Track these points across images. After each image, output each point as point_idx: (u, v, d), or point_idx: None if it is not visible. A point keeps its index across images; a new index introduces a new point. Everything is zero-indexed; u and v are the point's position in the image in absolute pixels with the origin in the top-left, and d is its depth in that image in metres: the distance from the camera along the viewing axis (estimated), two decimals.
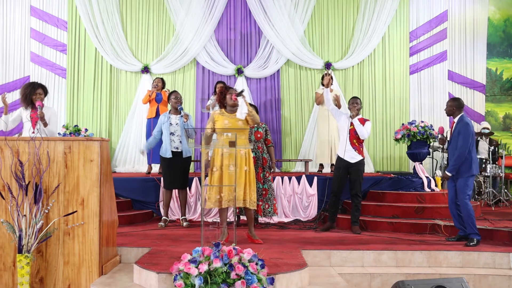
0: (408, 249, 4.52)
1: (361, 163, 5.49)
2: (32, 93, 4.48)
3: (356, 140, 5.48)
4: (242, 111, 4.43)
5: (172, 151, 5.68)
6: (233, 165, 4.44)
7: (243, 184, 4.49)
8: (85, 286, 3.66)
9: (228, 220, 5.82)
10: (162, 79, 7.39)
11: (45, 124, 4.49)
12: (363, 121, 5.51)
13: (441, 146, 8.19)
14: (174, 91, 5.94)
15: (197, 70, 8.83)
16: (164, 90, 7.26)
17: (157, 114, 6.96)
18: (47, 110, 4.55)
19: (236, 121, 4.55)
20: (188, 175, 5.91)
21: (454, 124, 4.89)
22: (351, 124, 5.49)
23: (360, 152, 5.50)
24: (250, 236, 4.74)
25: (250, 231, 4.74)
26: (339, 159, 5.58)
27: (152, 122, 6.95)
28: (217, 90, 7.48)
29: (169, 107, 7.21)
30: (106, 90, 8.71)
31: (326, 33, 8.95)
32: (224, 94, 4.67)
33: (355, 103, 5.55)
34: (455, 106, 4.93)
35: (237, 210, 5.64)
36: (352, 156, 5.48)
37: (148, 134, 7.07)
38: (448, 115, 5.03)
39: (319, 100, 7.46)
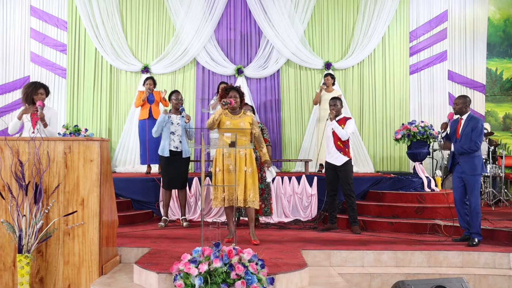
0: (408, 249, 4.52)
1: (347, 164, 5.49)
2: (34, 93, 4.46)
3: (340, 142, 5.49)
4: (273, 175, 4.81)
5: (171, 150, 5.68)
6: (232, 165, 4.48)
7: (242, 184, 4.50)
8: (85, 286, 3.66)
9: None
10: (153, 79, 7.30)
11: (45, 125, 4.46)
12: (344, 121, 5.52)
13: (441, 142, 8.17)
14: (176, 91, 5.91)
15: (197, 70, 8.83)
16: (156, 90, 7.20)
17: (150, 115, 6.93)
18: (48, 111, 4.51)
19: (237, 123, 4.58)
20: (187, 175, 5.91)
21: (463, 121, 4.85)
22: None
23: (346, 153, 5.49)
24: (249, 235, 4.73)
25: (250, 230, 4.74)
26: (327, 161, 5.64)
27: (147, 123, 6.90)
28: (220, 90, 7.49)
29: (161, 106, 7.20)
30: (106, 90, 8.71)
31: (326, 33, 8.95)
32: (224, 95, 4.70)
33: (332, 105, 5.56)
34: (467, 103, 4.91)
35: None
36: (338, 158, 5.49)
37: (142, 136, 7.03)
38: (457, 113, 4.93)
39: (316, 100, 7.49)
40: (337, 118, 5.53)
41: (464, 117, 4.89)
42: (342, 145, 5.48)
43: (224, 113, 4.62)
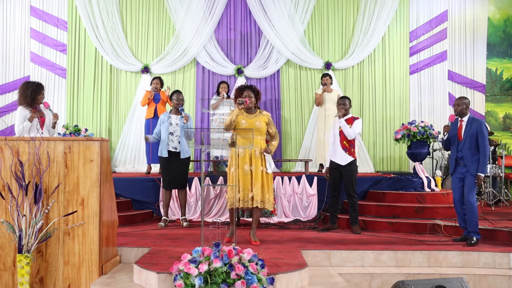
0: (408, 249, 4.52)
1: (352, 164, 5.48)
2: (39, 93, 4.48)
3: (346, 141, 5.47)
4: (271, 166, 4.66)
5: (170, 151, 5.68)
6: (248, 165, 4.52)
7: (259, 183, 4.53)
8: (85, 286, 3.66)
9: (228, 220, 5.86)
10: (160, 78, 7.35)
11: (54, 126, 4.54)
12: (352, 120, 5.50)
13: (441, 144, 8.18)
14: (177, 91, 5.90)
15: (197, 70, 8.83)
16: (163, 90, 7.24)
17: (155, 114, 6.95)
18: (49, 112, 4.58)
19: (253, 122, 4.61)
20: (187, 175, 5.91)
21: (465, 124, 4.83)
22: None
23: (351, 154, 5.47)
24: (250, 236, 4.73)
25: (252, 231, 4.73)
26: (331, 161, 5.60)
27: (151, 122, 6.94)
28: (220, 90, 7.49)
29: (167, 106, 7.22)
30: (106, 90, 8.71)
31: (326, 33, 8.95)
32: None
33: (342, 104, 5.54)
34: (468, 104, 4.89)
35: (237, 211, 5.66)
36: (343, 158, 5.47)
37: (147, 134, 7.06)
38: (458, 115, 4.90)
39: (319, 101, 7.47)
40: (345, 118, 5.51)
41: (465, 119, 4.87)
42: (348, 145, 5.47)
43: (240, 112, 4.63)
